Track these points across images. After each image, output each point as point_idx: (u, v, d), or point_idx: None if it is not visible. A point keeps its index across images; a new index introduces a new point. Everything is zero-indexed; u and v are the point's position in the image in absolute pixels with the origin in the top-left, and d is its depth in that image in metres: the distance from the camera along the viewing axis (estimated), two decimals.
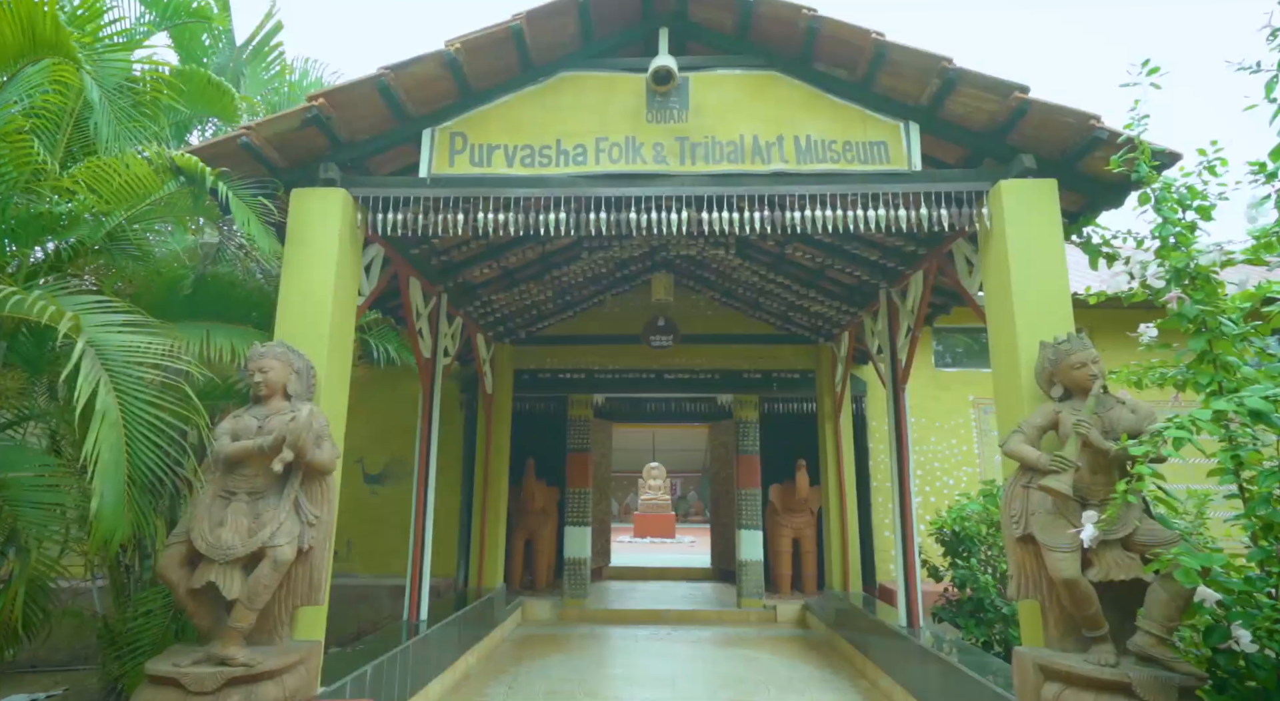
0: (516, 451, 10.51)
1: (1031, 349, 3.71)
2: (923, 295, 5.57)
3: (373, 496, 9.55)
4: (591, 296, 8.65)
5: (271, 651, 3.30)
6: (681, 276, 8.48)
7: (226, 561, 3.19)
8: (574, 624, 8.66)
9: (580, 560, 9.19)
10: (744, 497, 9.36)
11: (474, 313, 7.34)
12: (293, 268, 3.98)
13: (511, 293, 7.35)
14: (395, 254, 5.24)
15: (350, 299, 4.25)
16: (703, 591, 10.46)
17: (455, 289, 6.72)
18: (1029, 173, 3.95)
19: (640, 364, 9.19)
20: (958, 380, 9.63)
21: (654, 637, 7.95)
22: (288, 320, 3.92)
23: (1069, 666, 3.00)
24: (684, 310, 9.27)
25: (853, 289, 6.98)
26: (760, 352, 9.18)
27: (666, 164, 4.24)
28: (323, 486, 3.57)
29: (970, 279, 4.73)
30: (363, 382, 9.88)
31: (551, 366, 9.22)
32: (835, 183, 4.15)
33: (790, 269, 7.09)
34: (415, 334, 5.92)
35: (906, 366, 6.01)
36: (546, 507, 10.27)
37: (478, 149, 4.31)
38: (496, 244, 6.39)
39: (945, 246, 4.99)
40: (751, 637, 7.99)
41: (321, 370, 3.85)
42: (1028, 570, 3.34)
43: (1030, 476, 3.39)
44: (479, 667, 6.60)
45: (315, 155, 4.19)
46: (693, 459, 24.70)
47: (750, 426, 9.53)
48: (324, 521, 3.53)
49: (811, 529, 9.94)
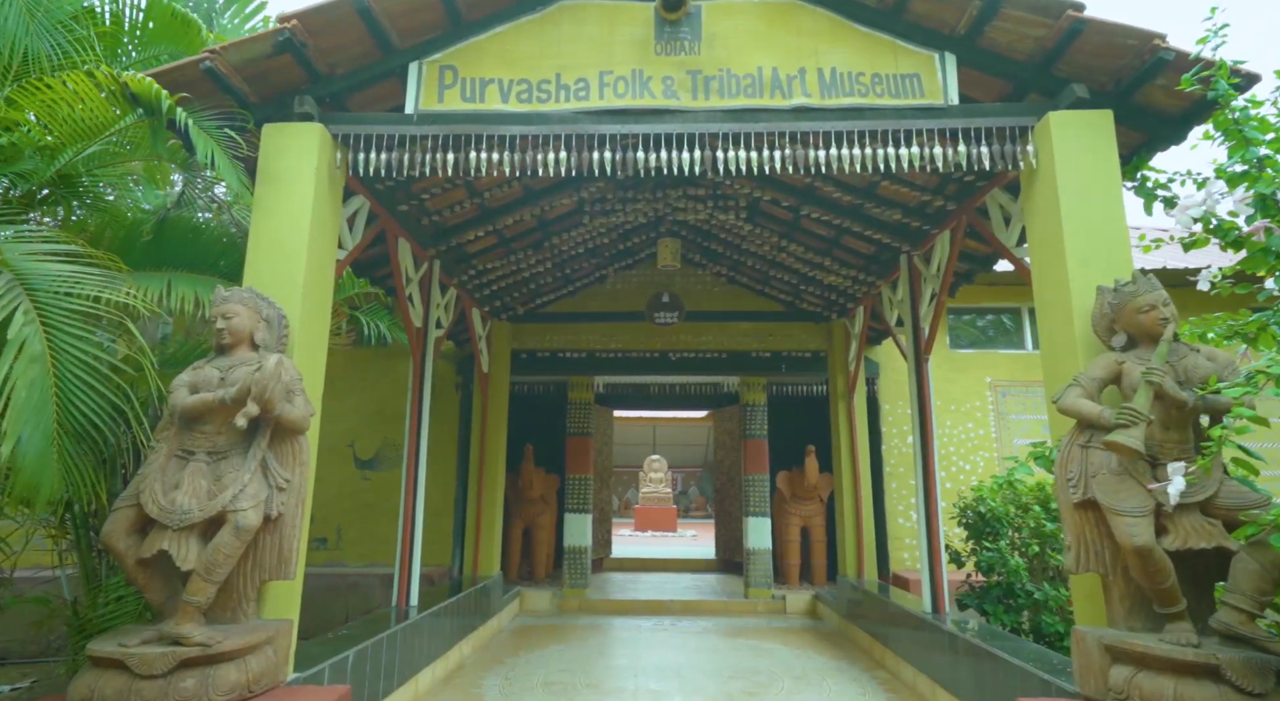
0: (514, 437, 10.13)
1: (1086, 295, 3.33)
2: (950, 257, 5.19)
3: (364, 482, 9.18)
4: (593, 270, 8.26)
5: (234, 630, 2.92)
6: (688, 249, 8.08)
7: (181, 527, 2.80)
8: (574, 614, 8.29)
9: (581, 549, 8.81)
10: (751, 483, 8.98)
11: (468, 284, 6.95)
12: (264, 210, 3.59)
13: (508, 262, 6.96)
14: (382, 210, 4.85)
15: (328, 248, 3.86)
16: (708, 582, 10.08)
17: (448, 255, 6.33)
18: (1081, 103, 3.56)
19: (643, 344, 8.81)
20: (974, 362, 9.26)
21: (658, 628, 7.57)
22: (257, 267, 3.53)
23: (1144, 647, 2.62)
24: (690, 287, 8.89)
25: (870, 258, 6.59)
26: (769, 330, 8.80)
27: (677, 98, 3.85)
28: (294, 447, 3.18)
29: (1007, 232, 4.34)
30: (354, 363, 9.57)
31: (551, 346, 8.84)
32: (864, 118, 3.77)
33: (804, 237, 6.70)
34: (405, 300, 5.53)
35: (930, 337, 5.62)
36: (545, 495, 9.88)
37: (469, 83, 3.92)
38: (491, 208, 6.01)
39: (977, 199, 4.61)
40: (761, 628, 7.62)
41: (295, 323, 3.47)
42: (1088, 539, 2.95)
43: (1090, 434, 3.00)
44: (474, 657, 6.22)
45: (290, 89, 3.80)
46: (693, 454, 24.35)
47: (758, 409, 9.14)
48: (296, 486, 3.14)
49: (821, 517, 9.55)
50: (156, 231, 3.83)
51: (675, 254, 6.82)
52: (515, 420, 10.65)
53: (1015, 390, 9.16)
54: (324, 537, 9.05)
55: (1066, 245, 3.41)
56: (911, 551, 8.78)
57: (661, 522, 17.71)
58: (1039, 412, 9.06)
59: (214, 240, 4.04)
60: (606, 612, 8.38)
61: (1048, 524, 5.50)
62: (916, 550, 8.79)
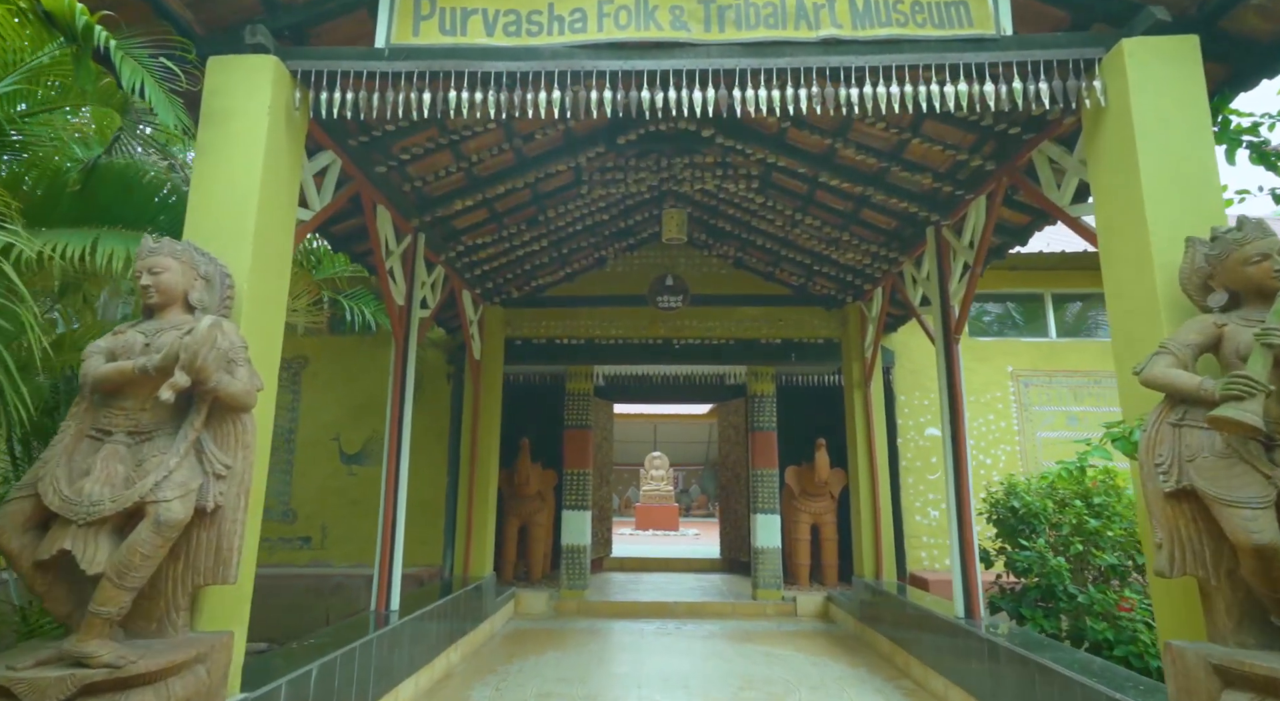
0: (510, 430, 9.65)
1: (1170, 250, 2.82)
2: (986, 225, 4.69)
3: (350, 477, 8.68)
4: (592, 250, 7.74)
5: (157, 647, 2.42)
6: (694, 229, 7.58)
7: (88, 522, 2.31)
8: (572, 617, 7.80)
9: (579, 547, 8.31)
10: (759, 479, 8.48)
11: (457, 262, 6.45)
12: (208, 154, 3.09)
13: (500, 239, 6.46)
14: (357, 171, 4.35)
15: (286, 202, 3.36)
16: (712, 583, 9.59)
17: (434, 229, 5.82)
18: (1160, 29, 3.06)
19: (646, 332, 8.31)
20: (996, 350, 8.76)
21: (662, 632, 7.08)
22: (200, 220, 3.03)
23: (1268, 670, 2.13)
24: (695, 270, 8.39)
25: (891, 234, 6.08)
26: (779, 316, 8.30)
27: (687, 30, 3.35)
28: (237, 427, 2.68)
29: (1060, 191, 3.84)
30: (339, 352, 9.07)
31: (547, 334, 8.34)
32: (902, 51, 3.27)
33: (819, 211, 6.20)
34: (385, 275, 5.03)
35: (961, 316, 5.12)
36: (543, 492, 9.40)
37: (449, 14, 3.41)
38: (480, 177, 5.50)
39: (1022, 156, 4.10)
40: (771, 632, 7.12)
41: (242, 284, 2.97)
42: (1183, 536, 2.45)
43: (1184, 411, 2.50)
44: (463, 666, 5.72)
45: (241, 18, 3.29)
46: (695, 451, 23.87)
47: (766, 401, 8.64)
48: (238, 473, 2.64)
49: (832, 514, 9.07)
50: (85, 182, 3.33)
51: (681, 226, 6.30)
52: (511, 413, 10.15)
53: (1038, 380, 8.67)
54: (308, 536, 8.57)
55: (1145, 192, 2.91)
56: (930, 550, 8.29)
57: (663, 521, 17.21)
58: (1064, 403, 8.57)
59: (151, 191, 3.54)
60: (606, 615, 7.89)
61: (1090, 520, 5.00)
62: (935, 549, 8.31)
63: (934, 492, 8.43)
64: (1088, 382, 8.58)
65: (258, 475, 2.96)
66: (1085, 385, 8.58)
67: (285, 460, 8.60)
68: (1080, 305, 9.10)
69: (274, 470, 8.61)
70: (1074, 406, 8.49)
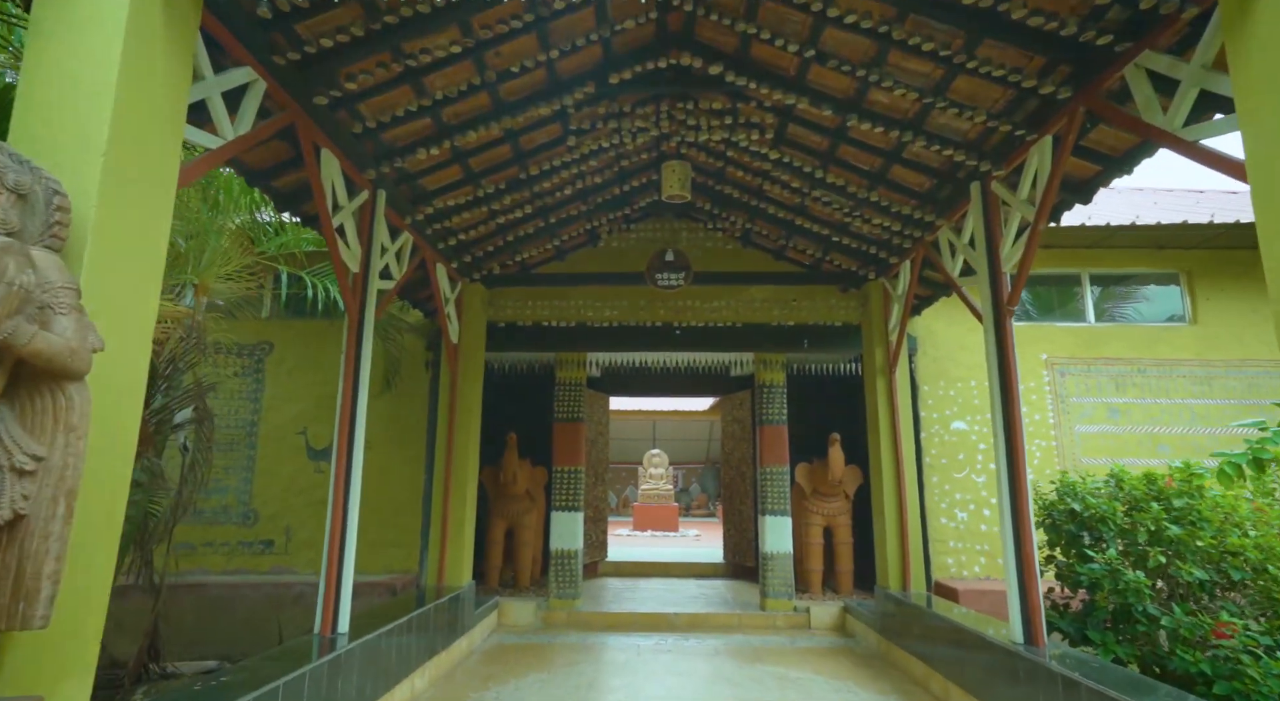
0: (497, 424, 8.87)
1: None
2: (1054, 169, 3.88)
3: (318, 475, 7.88)
4: (584, 220, 6.91)
5: None
6: (698, 196, 6.77)
7: None
8: (561, 630, 7.00)
9: (569, 553, 7.52)
10: (768, 477, 7.69)
11: (427, 229, 5.64)
12: (46, 36, 2.29)
13: (476, 201, 5.64)
14: (289, 99, 3.54)
15: (166, 114, 2.54)
16: (716, 590, 8.80)
17: (399, 186, 5.02)
18: None
19: (644, 316, 7.51)
20: (1027, 336, 7.96)
21: (660, 648, 6.29)
22: (29, 120, 2.22)
23: None
24: (699, 247, 7.59)
25: (925, 196, 5.27)
26: (791, 297, 7.50)
27: None
28: (57, 402, 1.87)
29: (1168, 114, 3.04)
30: (305, 336, 8.23)
31: (534, 317, 7.53)
32: None
33: (841, 171, 5.39)
34: (331, 233, 4.22)
35: (1017, 284, 4.31)
36: (532, 491, 8.61)
37: None
38: (450, 125, 4.70)
39: (1112, 74, 3.30)
40: (783, 649, 6.34)
41: (86, 208, 2.16)
42: None
43: None
44: (430, 694, 4.93)
45: None
46: (695, 449, 23.15)
47: (776, 391, 7.85)
48: (56, 468, 1.84)
49: (847, 516, 8.30)
50: None
51: (684, 181, 5.44)
52: (498, 405, 9.36)
53: (1076, 368, 7.87)
54: (270, 540, 7.77)
55: None
56: (956, 556, 7.50)
57: (662, 521, 16.42)
58: (1104, 394, 7.77)
59: None
60: (599, 628, 7.10)
61: (1170, 527, 4.21)
62: (962, 555, 7.52)
63: (961, 492, 7.64)
64: (1130, 371, 7.78)
65: (102, 471, 2.15)
66: (1128, 374, 7.78)
67: (247, 456, 7.79)
68: (1121, 287, 8.31)
69: (235, 468, 7.80)
70: (1115, 398, 7.70)
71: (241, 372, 8.03)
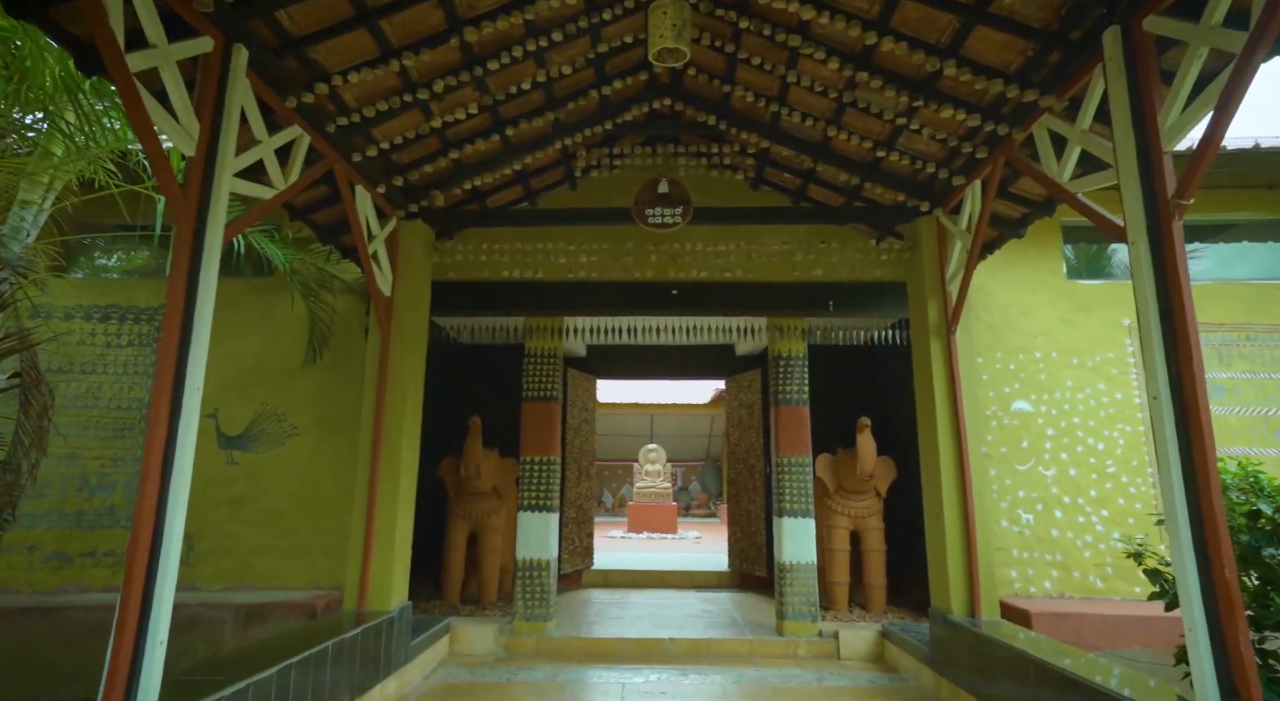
0: (460, 408, 7.42)
1: None
2: None
3: (231, 467, 6.39)
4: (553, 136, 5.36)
5: None
6: (697, 110, 5.27)
7: None
8: (527, 662, 5.52)
9: (539, 564, 6.03)
10: (787, 469, 6.21)
11: (322, 120, 4.11)
12: None
13: (402, 88, 4.15)
14: None
15: None
16: (721, 605, 7.31)
17: (276, 51, 3.52)
18: None
19: (632, 272, 6.03)
20: (1104, 297, 6.48)
21: (651, 691, 4.80)
22: None
23: None
24: (699, 186, 6.11)
25: (1016, 74, 3.78)
26: (814, 243, 6.03)
27: None
28: None
29: None
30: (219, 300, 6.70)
31: (493, 270, 6.04)
32: None
33: (902, 41, 3.89)
34: (130, 86, 2.72)
35: (1196, 164, 2.82)
36: (500, 487, 7.15)
37: None
38: None
39: None
40: (809, 690, 4.85)
41: None
42: None
43: None
44: None
45: None
46: (694, 446, 21.73)
47: (795, 364, 6.37)
48: None
49: (878, 517, 6.86)
50: None
51: (680, 29, 3.74)
52: (463, 385, 7.88)
53: None
54: None
55: None
56: (1021, 569, 6.01)
57: (659, 522, 14.92)
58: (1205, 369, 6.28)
59: None
60: (575, 658, 5.61)
61: None
62: (1030, 566, 6.01)
63: (1025, 489, 6.16)
64: (1236, 339, 6.29)
65: None
66: (1232, 343, 6.29)
67: (136, 444, 6.29)
68: (1222, 237, 6.81)
69: (125, 459, 6.30)
70: (1220, 372, 6.21)
71: (138, 342, 6.53)
